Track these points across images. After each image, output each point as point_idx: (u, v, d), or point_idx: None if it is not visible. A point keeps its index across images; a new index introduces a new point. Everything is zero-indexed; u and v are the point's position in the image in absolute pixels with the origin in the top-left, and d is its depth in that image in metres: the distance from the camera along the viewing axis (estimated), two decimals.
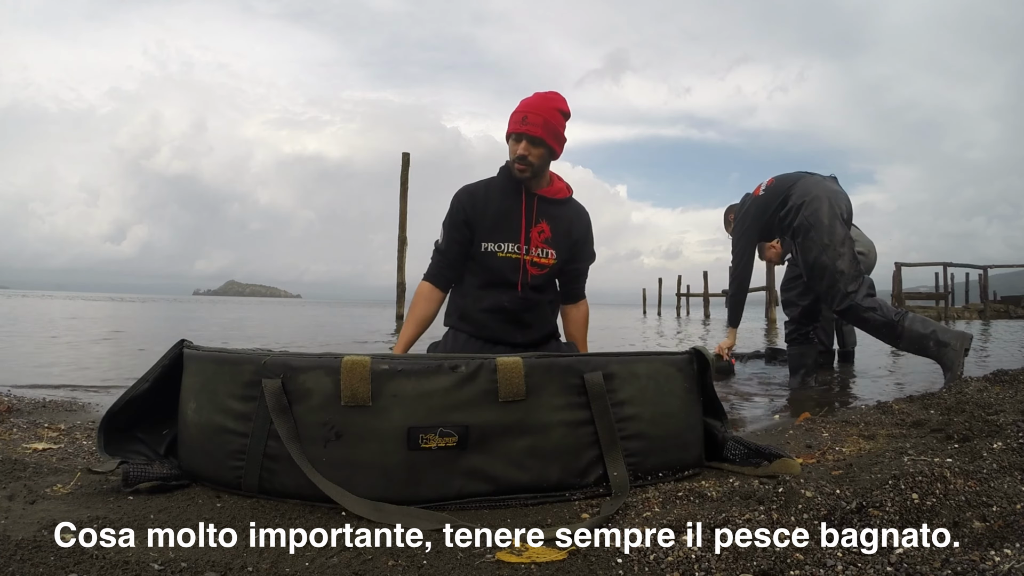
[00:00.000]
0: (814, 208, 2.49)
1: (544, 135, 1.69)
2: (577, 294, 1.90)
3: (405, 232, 11.32)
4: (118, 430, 1.15)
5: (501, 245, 1.75)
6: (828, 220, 2.46)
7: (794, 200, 2.55)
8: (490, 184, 1.81)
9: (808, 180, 2.58)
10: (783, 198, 2.59)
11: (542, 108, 1.71)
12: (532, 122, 1.69)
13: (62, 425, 1.71)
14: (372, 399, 1.02)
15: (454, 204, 1.79)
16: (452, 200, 1.81)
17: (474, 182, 1.84)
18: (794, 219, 2.53)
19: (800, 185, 2.57)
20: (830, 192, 2.53)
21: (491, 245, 1.75)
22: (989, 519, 0.83)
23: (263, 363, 1.05)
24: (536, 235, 1.75)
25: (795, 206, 2.53)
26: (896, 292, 16.14)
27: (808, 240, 2.49)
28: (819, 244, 2.45)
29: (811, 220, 2.48)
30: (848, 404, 2.38)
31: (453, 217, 1.78)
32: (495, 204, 1.76)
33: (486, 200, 1.77)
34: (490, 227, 1.75)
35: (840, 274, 2.44)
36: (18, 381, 2.67)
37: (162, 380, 1.17)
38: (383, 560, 0.81)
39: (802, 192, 2.54)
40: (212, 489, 1.08)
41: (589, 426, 1.09)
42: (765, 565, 0.75)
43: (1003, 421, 1.48)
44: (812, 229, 2.47)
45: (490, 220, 1.75)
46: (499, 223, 1.75)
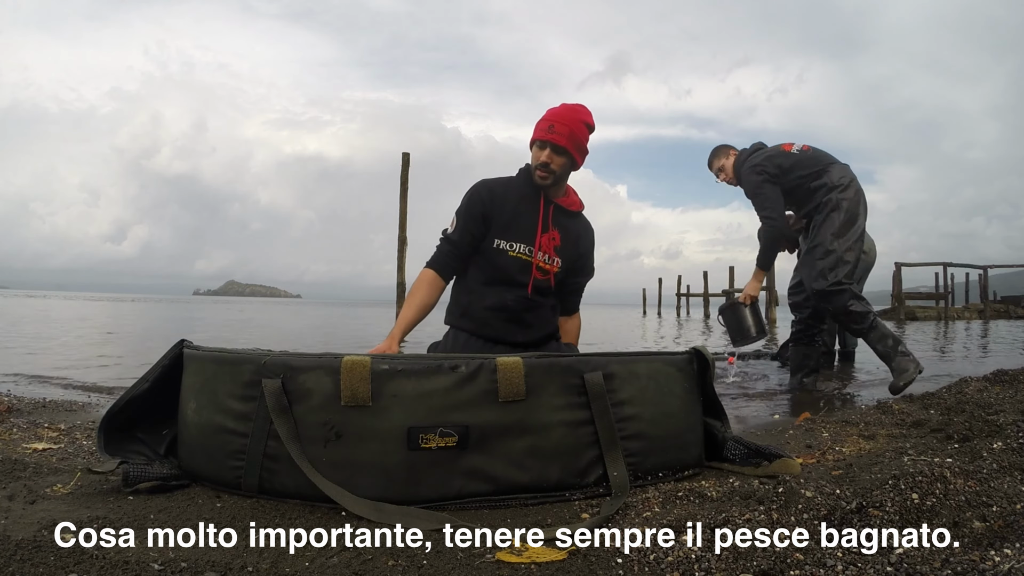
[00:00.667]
0: (851, 195, 2.54)
1: (568, 145, 1.72)
2: (572, 307, 1.93)
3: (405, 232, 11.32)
4: (118, 430, 1.15)
5: (513, 244, 1.76)
6: (857, 212, 2.53)
7: (833, 178, 2.57)
8: (510, 183, 1.82)
9: (846, 168, 2.62)
10: (820, 170, 2.61)
11: (569, 119, 1.74)
12: (558, 131, 1.72)
13: (62, 425, 1.71)
14: (372, 399, 1.02)
15: (473, 196, 1.79)
16: (470, 192, 1.81)
17: (493, 178, 1.85)
18: (826, 195, 2.56)
19: (840, 168, 2.61)
20: (861, 189, 2.61)
21: (503, 243, 1.76)
22: (989, 519, 0.83)
23: (263, 363, 1.05)
24: (547, 241, 1.77)
25: (832, 184, 2.56)
26: (896, 292, 16.14)
27: (829, 221, 2.53)
28: (840, 228, 2.50)
29: (844, 204, 2.53)
30: (848, 404, 2.38)
31: (471, 209, 1.78)
32: (513, 204, 1.77)
33: (504, 198, 1.78)
34: (505, 225, 1.76)
35: (844, 263, 2.48)
36: (18, 381, 2.67)
37: (162, 380, 1.17)
38: (383, 560, 0.81)
39: (841, 174, 2.58)
40: (212, 489, 1.08)
41: (589, 426, 1.09)
42: (765, 565, 0.75)
43: (1003, 421, 1.48)
44: (842, 212, 2.52)
45: (507, 218, 1.76)
46: (515, 222, 1.76)
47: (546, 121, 1.74)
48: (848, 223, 2.51)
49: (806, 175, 2.61)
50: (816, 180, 2.60)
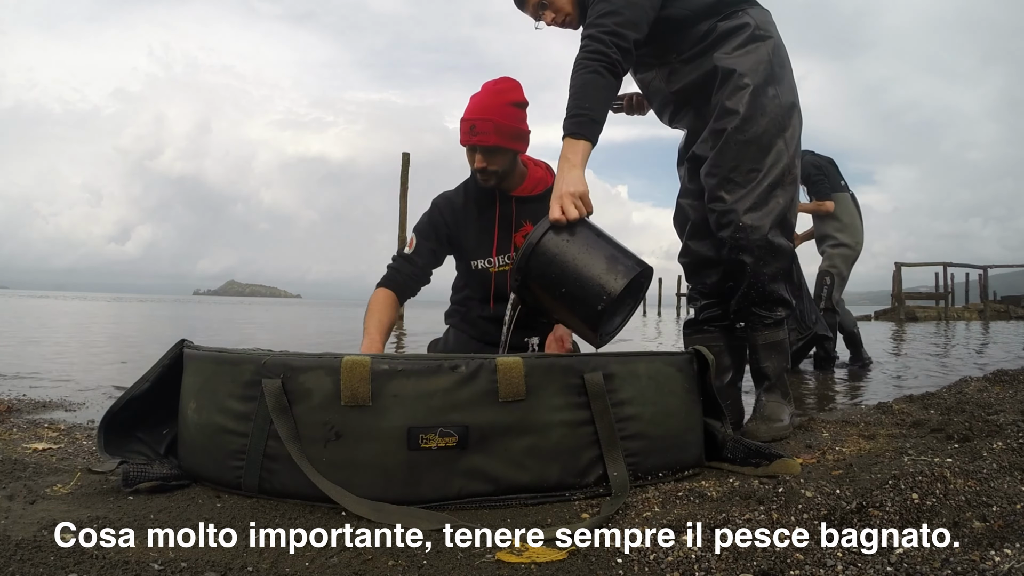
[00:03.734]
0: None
1: (499, 141, 1.56)
2: None
3: (405, 232, 11.33)
4: (118, 430, 1.15)
5: (491, 260, 1.69)
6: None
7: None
8: (467, 192, 1.73)
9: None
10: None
11: (492, 108, 1.56)
12: (481, 130, 1.54)
13: (62, 425, 1.71)
14: (372, 399, 1.02)
15: (435, 217, 1.70)
16: (431, 213, 1.72)
17: (452, 190, 1.76)
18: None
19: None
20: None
21: (482, 262, 1.69)
22: (989, 519, 0.83)
23: (263, 363, 1.05)
24: (522, 239, 1.67)
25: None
26: (896, 292, 16.14)
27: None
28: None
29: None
30: (848, 404, 2.38)
31: (436, 230, 1.69)
32: (474, 219, 1.69)
33: (465, 214, 1.70)
34: (475, 245, 1.69)
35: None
36: (18, 381, 2.67)
37: (162, 380, 1.17)
38: (383, 560, 0.81)
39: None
40: (212, 489, 1.08)
41: (589, 426, 1.09)
42: (765, 565, 0.75)
43: (1003, 421, 1.48)
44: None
45: (474, 237, 1.68)
46: (483, 238, 1.68)
47: (467, 121, 1.57)
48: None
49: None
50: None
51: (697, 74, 1.58)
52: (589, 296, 1.16)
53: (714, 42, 1.55)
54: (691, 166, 1.72)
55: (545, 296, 1.23)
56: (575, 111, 1.34)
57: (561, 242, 1.20)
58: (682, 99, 1.67)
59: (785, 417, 1.61)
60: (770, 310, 1.61)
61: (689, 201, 1.76)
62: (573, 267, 1.18)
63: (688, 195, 1.77)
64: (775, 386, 1.66)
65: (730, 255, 1.57)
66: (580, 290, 1.17)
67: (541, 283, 1.21)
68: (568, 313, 1.22)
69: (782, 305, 1.62)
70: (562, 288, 1.18)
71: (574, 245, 1.20)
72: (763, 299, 1.59)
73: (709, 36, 1.55)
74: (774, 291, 1.59)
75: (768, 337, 1.63)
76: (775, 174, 1.54)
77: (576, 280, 1.17)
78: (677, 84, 1.63)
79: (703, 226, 1.68)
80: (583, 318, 1.20)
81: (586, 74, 1.36)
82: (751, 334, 1.64)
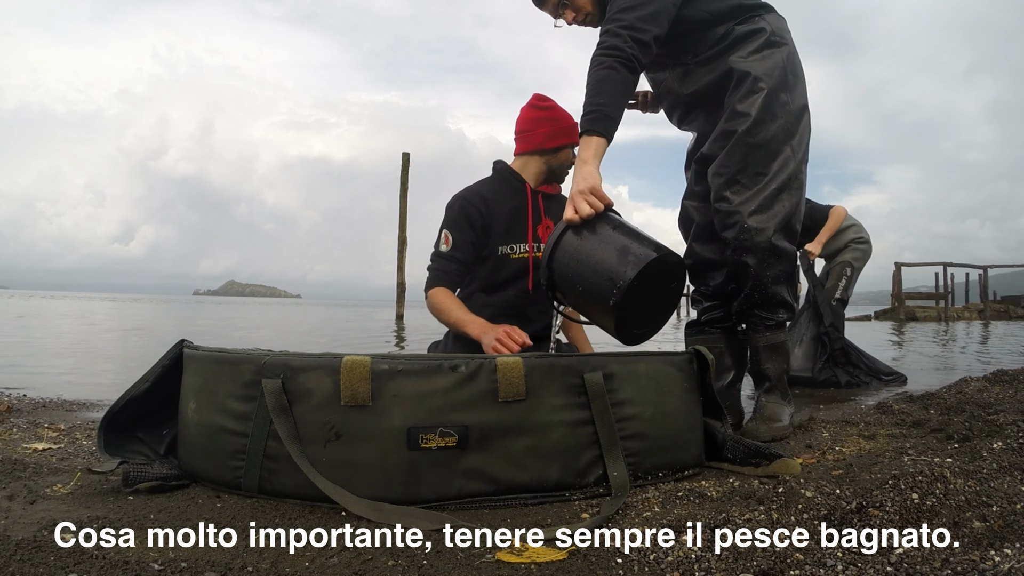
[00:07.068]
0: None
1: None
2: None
3: (405, 232, 11.33)
4: (118, 430, 1.15)
5: (514, 247, 1.76)
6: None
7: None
8: (492, 186, 1.80)
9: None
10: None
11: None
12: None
13: (62, 425, 1.71)
14: (372, 399, 1.02)
15: (467, 210, 1.74)
16: (462, 206, 1.75)
17: (472, 186, 1.82)
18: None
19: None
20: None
21: (505, 248, 1.75)
22: (989, 519, 0.83)
23: (263, 363, 1.05)
24: (543, 231, 1.78)
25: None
26: (896, 292, 16.14)
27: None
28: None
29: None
30: (848, 404, 2.37)
31: (472, 222, 1.73)
32: (505, 206, 1.77)
33: (497, 203, 1.76)
34: (504, 230, 1.75)
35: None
36: (18, 381, 2.67)
37: (162, 380, 1.17)
38: (383, 560, 0.81)
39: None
40: (212, 489, 1.08)
41: (589, 426, 1.09)
42: (765, 565, 0.75)
43: (1003, 421, 1.48)
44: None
45: (504, 223, 1.75)
46: (512, 224, 1.76)
47: (567, 121, 1.77)
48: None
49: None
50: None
51: (711, 76, 1.60)
52: (602, 291, 1.14)
53: (730, 45, 1.56)
54: (699, 168, 1.72)
55: (569, 297, 1.22)
56: (589, 108, 1.35)
57: (576, 241, 1.20)
58: (694, 101, 1.68)
59: (785, 417, 1.62)
60: (772, 312, 1.62)
61: (695, 204, 1.77)
62: (587, 264, 1.17)
63: (694, 197, 1.78)
64: (775, 387, 1.67)
65: (734, 256, 1.58)
66: (593, 286, 1.15)
67: (562, 285, 1.20)
68: (590, 311, 1.21)
69: (784, 307, 1.63)
70: (579, 287, 1.17)
71: (587, 242, 1.19)
72: (765, 301, 1.60)
73: (726, 39, 1.56)
74: (776, 293, 1.60)
75: (769, 339, 1.64)
76: (781, 179, 1.55)
77: (590, 277, 1.16)
78: (691, 86, 1.65)
79: (708, 229, 1.70)
80: (602, 314, 1.18)
81: (601, 70, 1.37)
82: (753, 336, 1.66)
